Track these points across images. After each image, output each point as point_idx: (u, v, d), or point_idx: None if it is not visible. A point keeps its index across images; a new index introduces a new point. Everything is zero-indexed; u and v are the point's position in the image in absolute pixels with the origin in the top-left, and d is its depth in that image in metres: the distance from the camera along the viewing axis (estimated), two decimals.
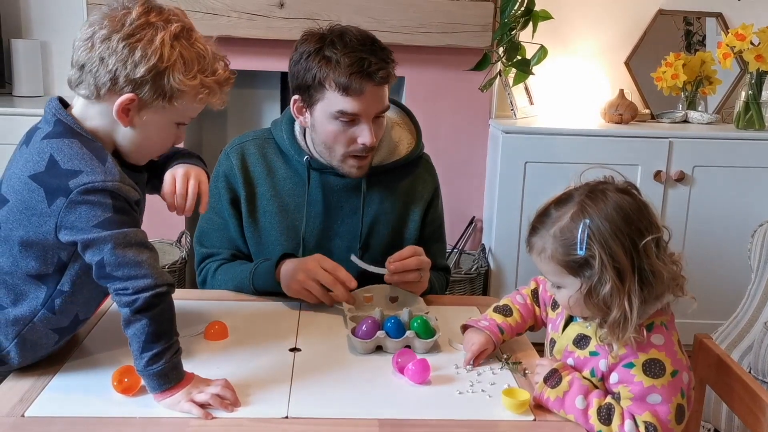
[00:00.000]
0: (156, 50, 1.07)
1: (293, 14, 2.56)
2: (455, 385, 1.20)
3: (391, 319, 1.32)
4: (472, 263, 2.79)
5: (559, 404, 1.12)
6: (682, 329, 1.57)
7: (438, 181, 1.74)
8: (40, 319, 1.14)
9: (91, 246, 1.07)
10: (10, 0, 2.78)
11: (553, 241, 1.10)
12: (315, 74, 1.45)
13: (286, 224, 1.59)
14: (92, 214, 1.06)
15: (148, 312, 1.07)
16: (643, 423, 1.07)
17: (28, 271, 1.12)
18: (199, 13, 2.53)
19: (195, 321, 1.33)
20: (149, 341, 1.07)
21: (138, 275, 1.07)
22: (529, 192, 2.68)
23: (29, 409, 1.07)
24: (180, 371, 1.11)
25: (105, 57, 1.07)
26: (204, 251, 1.65)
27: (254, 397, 1.13)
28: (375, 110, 1.49)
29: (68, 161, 1.07)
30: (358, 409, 1.11)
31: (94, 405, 1.10)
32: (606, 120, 2.85)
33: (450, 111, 2.81)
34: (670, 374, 1.09)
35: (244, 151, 1.62)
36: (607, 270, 1.06)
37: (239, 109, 3.07)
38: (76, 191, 1.05)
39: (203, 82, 1.12)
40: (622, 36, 2.98)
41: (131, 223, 1.10)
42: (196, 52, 1.11)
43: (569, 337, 1.19)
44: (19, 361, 1.16)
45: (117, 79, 1.08)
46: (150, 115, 1.12)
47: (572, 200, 1.11)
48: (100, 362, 1.22)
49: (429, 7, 2.62)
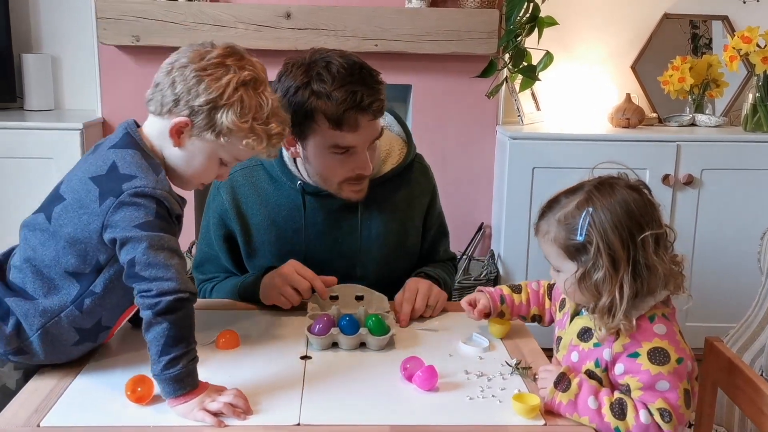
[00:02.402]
0: (220, 87, 1.16)
1: (300, 25, 2.59)
2: (465, 391, 1.20)
3: (346, 316, 1.35)
4: (481, 269, 2.79)
5: (572, 408, 1.13)
6: (692, 332, 1.59)
7: (434, 180, 1.73)
8: (67, 315, 1.19)
9: (126, 243, 1.13)
10: (21, 15, 2.82)
11: (557, 225, 1.16)
12: (305, 110, 1.40)
13: (286, 250, 1.57)
14: (135, 215, 1.13)
15: (170, 315, 1.11)
16: (657, 411, 1.09)
17: (66, 267, 1.18)
18: (207, 25, 2.56)
19: (206, 330, 1.34)
20: (168, 344, 1.10)
21: (164, 277, 1.11)
22: (537, 197, 2.68)
23: (45, 419, 1.08)
24: (195, 379, 1.13)
25: (176, 81, 1.17)
26: (201, 277, 1.68)
27: (266, 404, 1.14)
28: (370, 140, 1.48)
29: (126, 167, 1.16)
30: (369, 416, 1.12)
31: (109, 414, 1.11)
32: (613, 124, 2.86)
33: (457, 118, 2.82)
34: (675, 361, 1.11)
35: (234, 185, 1.58)
36: (602, 257, 1.11)
37: None
38: (126, 193, 1.14)
39: (253, 128, 1.19)
40: (628, 40, 2.99)
41: (169, 231, 1.16)
42: (258, 102, 1.19)
43: (573, 330, 1.22)
44: (40, 354, 1.19)
45: (178, 102, 1.17)
46: (198, 143, 1.20)
47: (582, 190, 1.17)
48: (113, 372, 1.23)
49: (435, 15, 2.64)
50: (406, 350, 1.32)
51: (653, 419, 1.08)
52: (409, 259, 1.68)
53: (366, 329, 1.34)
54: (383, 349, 1.34)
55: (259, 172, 1.60)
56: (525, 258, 2.72)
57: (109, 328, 1.27)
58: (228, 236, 1.62)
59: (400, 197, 1.64)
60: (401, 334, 1.43)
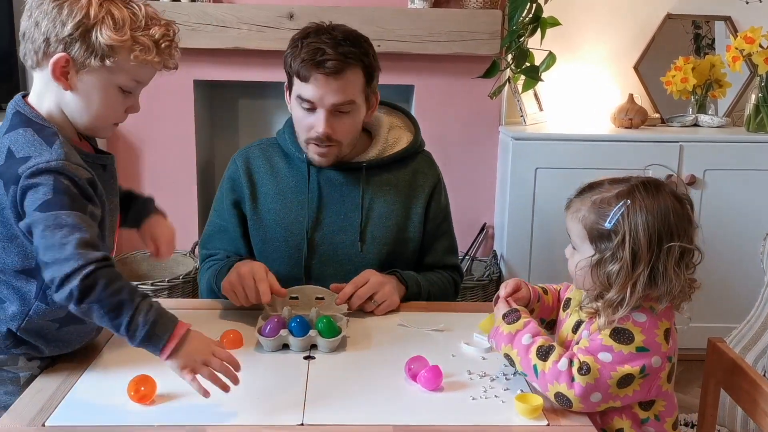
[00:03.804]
0: (82, 8, 1.09)
1: (303, 24, 2.52)
2: (468, 391, 1.20)
3: (296, 318, 1.36)
4: (484, 270, 2.79)
5: (509, 339, 1.19)
6: (695, 333, 1.58)
7: (440, 175, 1.75)
8: (35, 312, 1.17)
9: (31, 228, 1.07)
10: None
11: (591, 206, 1.17)
12: (289, 61, 1.56)
13: (290, 220, 1.64)
14: (35, 196, 1.06)
15: (88, 296, 1.03)
16: (577, 362, 1.11)
17: (14, 266, 1.15)
18: (210, 25, 2.57)
19: (210, 329, 1.34)
20: (113, 319, 1.05)
21: (60, 258, 1.03)
22: (540, 198, 2.68)
23: (50, 418, 1.09)
24: (166, 322, 1.08)
25: (39, 21, 1.10)
26: (205, 253, 1.72)
27: (269, 404, 1.15)
28: (329, 101, 1.54)
29: (20, 149, 1.10)
30: (372, 416, 1.13)
31: (113, 414, 1.11)
32: (616, 125, 2.86)
33: (459, 118, 2.82)
34: (635, 347, 1.13)
35: (249, 155, 1.71)
36: (623, 251, 1.12)
37: (250, 119, 3.10)
38: (23, 176, 1.07)
39: (135, 38, 1.11)
40: (630, 41, 2.99)
41: (76, 203, 1.08)
42: (129, 11, 1.12)
43: (569, 326, 1.24)
44: (40, 347, 1.20)
45: (49, 41, 1.10)
46: (88, 77, 1.13)
47: (627, 183, 1.18)
48: (117, 372, 1.23)
49: (437, 15, 2.64)
50: (411, 350, 1.32)
51: (569, 367, 1.11)
52: (411, 249, 1.69)
53: (316, 331, 1.34)
54: (335, 351, 1.34)
55: (274, 148, 1.72)
56: (528, 258, 2.72)
57: None
58: (237, 203, 1.68)
59: (403, 181, 1.69)
60: (406, 333, 1.43)
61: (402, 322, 1.48)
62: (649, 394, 1.17)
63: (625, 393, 1.14)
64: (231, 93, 3.02)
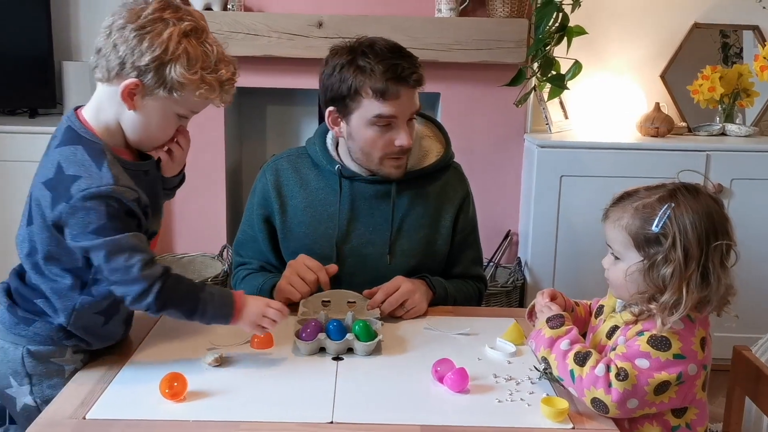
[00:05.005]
0: (162, 42, 1.15)
1: (331, 33, 2.63)
2: (494, 394, 1.22)
3: (333, 322, 1.38)
4: (508, 276, 2.81)
5: (549, 343, 1.20)
6: (720, 342, 1.58)
7: (469, 188, 1.77)
8: (82, 304, 1.23)
9: (89, 251, 1.17)
10: (62, 25, 2.91)
11: (633, 212, 1.18)
12: (350, 84, 1.52)
13: (320, 233, 1.65)
14: (87, 220, 1.14)
15: (167, 306, 1.21)
16: (615, 368, 1.13)
17: (61, 265, 1.21)
18: (241, 33, 2.62)
19: (241, 330, 1.38)
20: (188, 315, 1.23)
21: (128, 280, 1.17)
22: (564, 206, 2.69)
23: (90, 411, 1.13)
24: (228, 305, 1.26)
25: (118, 44, 1.16)
26: (239, 259, 1.76)
27: (300, 402, 1.18)
28: (409, 112, 1.56)
29: (71, 167, 1.16)
30: (400, 415, 1.15)
31: (149, 408, 1.15)
32: (642, 133, 2.86)
33: (485, 126, 2.85)
34: (672, 354, 1.14)
35: (278, 167, 1.71)
36: (675, 252, 1.13)
37: (278, 126, 3.15)
38: (75, 198, 1.14)
39: (204, 78, 1.19)
40: (657, 50, 2.99)
41: (126, 226, 1.17)
42: (203, 50, 1.19)
43: (603, 331, 1.25)
44: (88, 340, 1.27)
45: (124, 65, 1.16)
46: (152, 102, 1.20)
47: (665, 188, 1.20)
48: (151, 369, 1.27)
49: (464, 24, 2.67)
50: (437, 353, 1.34)
51: (607, 373, 1.12)
52: (438, 262, 1.71)
53: (353, 335, 1.36)
54: (371, 354, 1.35)
55: (303, 159, 1.71)
56: (552, 266, 2.73)
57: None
58: (267, 218, 1.70)
59: (433, 194, 1.70)
60: (433, 337, 1.46)
61: (429, 326, 1.51)
62: (684, 402, 1.18)
63: (661, 399, 1.15)
64: (259, 99, 3.08)
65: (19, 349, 1.24)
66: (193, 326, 1.44)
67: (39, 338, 1.24)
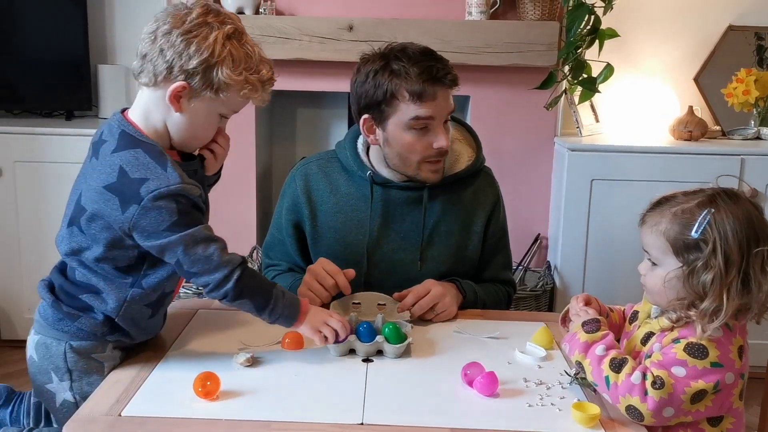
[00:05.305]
0: (209, 46, 1.20)
1: (362, 36, 2.65)
2: (524, 398, 1.22)
3: (363, 324, 1.38)
4: (537, 280, 2.79)
5: (584, 347, 1.19)
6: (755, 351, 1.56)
7: (500, 192, 1.77)
8: (133, 296, 1.27)
9: (165, 250, 1.21)
10: (99, 29, 2.97)
11: (672, 218, 1.16)
12: (386, 89, 1.52)
13: (350, 239, 1.65)
14: (160, 219, 1.19)
15: (243, 295, 1.25)
16: (651, 376, 1.11)
17: (114, 264, 1.25)
18: (272, 37, 2.64)
19: (272, 331, 1.40)
20: (258, 309, 1.27)
21: (209, 269, 1.22)
22: (595, 210, 2.67)
23: (125, 408, 1.15)
24: (295, 307, 1.31)
25: (164, 49, 1.20)
26: (267, 261, 1.78)
27: (330, 403, 1.19)
28: (446, 112, 1.56)
29: (135, 170, 1.20)
30: (429, 418, 1.15)
31: (183, 406, 1.17)
32: (675, 137, 2.82)
33: (515, 129, 2.84)
34: (709, 362, 1.12)
35: (308, 172, 1.71)
36: (716, 258, 1.12)
37: (308, 128, 3.17)
38: (146, 199, 1.18)
39: (248, 79, 1.23)
40: (690, 52, 2.95)
41: (196, 220, 1.22)
42: (245, 52, 1.23)
43: (638, 337, 1.24)
44: (131, 333, 1.30)
45: (172, 69, 1.20)
46: (198, 104, 1.24)
47: (703, 193, 1.18)
48: (184, 368, 1.29)
49: (495, 27, 2.67)
50: (467, 356, 1.34)
51: (643, 381, 1.11)
52: (469, 267, 1.71)
53: (383, 337, 1.37)
54: (400, 357, 1.36)
55: (333, 163, 1.71)
56: (582, 270, 2.70)
57: (172, 292, 1.36)
58: (297, 224, 1.71)
59: (464, 200, 1.69)
60: (462, 340, 1.46)
61: (458, 329, 1.51)
62: (720, 411, 1.17)
63: (697, 408, 1.14)
64: (290, 102, 3.10)
65: (61, 345, 1.27)
66: (225, 325, 1.48)
67: (82, 334, 1.27)
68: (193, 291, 2.46)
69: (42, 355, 1.28)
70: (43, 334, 1.29)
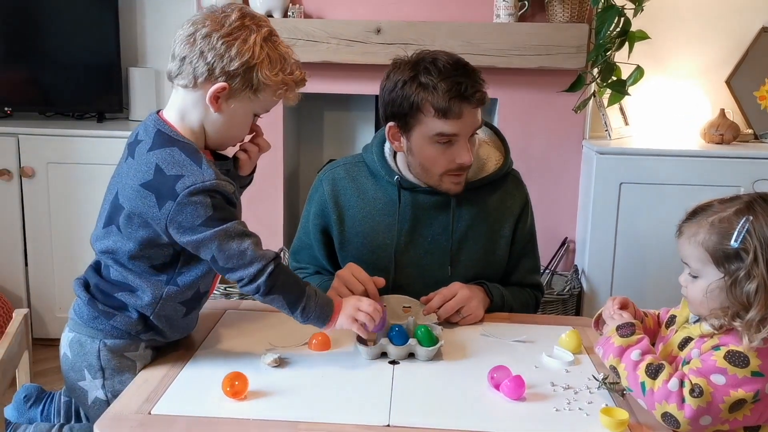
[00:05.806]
0: (249, 48, 1.23)
1: (389, 39, 2.65)
2: (551, 402, 1.21)
3: (395, 327, 1.37)
4: (564, 284, 2.77)
5: (619, 352, 1.17)
6: None
7: (528, 196, 1.75)
8: (168, 294, 1.29)
9: (200, 246, 1.22)
10: (130, 32, 3.02)
11: (710, 228, 1.14)
12: (412, 101, 1.50)
13: (378, 243, 1.65)
14: (195, 214, 1.21)
15: (275, 289, 1.25)
16: (689, 383, 1.09)
17: (149, 262, 1.27)
18: (301, 40, 2.66)
19: (300, 332, 1.41)
20: (291, 306, 1.27)
21: (244, 263, 1.22)
22: (624, 213, 2.64)
23: (155, 407, 1.17)
24: (328, 306, 1.31)
25: (205, 51, 1.23)
26: (295, 265, 1.78)
27: (356, 405, 1.19)
28: (472, 129, 1.54)
29: (171, 168, 1.22)
30: (456, 421, 1.15)
31: (211, 405, 1.18)
32: (706, 140, 2.78)
33: (543, 132, 2.82)
34: (750, 371, 1.09)
35: (335, 176, 1.71)
36: (758, 267, 1.09)
37: (335, 131, 3.19)
38: (181, 195, 1.20)
39: (284, 79, 1.27)
40: (722, 55, 2.91)
41: (230, 216, 1.24)
42: (280, 53, 1.27)
43: (674, 342, 1.22)
44: (165, 331, 1.32)
45: (213, 70, 1.23)
46: (236, 104, 1.27)
47: (740, 200, 1.15)
48: (213, 367, 1.31)
49: (523, 29, 2.65)
50: (493, 359, 1.33)
51: (680, 388, 1.08)
52: (496, 270, 1.70)
53: (415, 340, 1.36)
54: (432, 360, 1.35)
55: (360, 167, 1.71)
56: (610, 274, 2.68)
57: (207, 292, 1.37)
58: (324, 229, 1.71)
59: (492, 204, 1.68)
60: (489, 343, 1.45)
61: (485, 332, 1.50)
62: (759, 420, 1.15)
63: (735, 417, 1.12)
64: (317, 104, 3.12)
65: (95, 343, 1.30)
66: (252, 325, 1.50)
67: (117, 332, 1.29)
68: (221, 292, 2.49)
69: (76, 352, 1.31)
70: (78, 332, 1.31)
